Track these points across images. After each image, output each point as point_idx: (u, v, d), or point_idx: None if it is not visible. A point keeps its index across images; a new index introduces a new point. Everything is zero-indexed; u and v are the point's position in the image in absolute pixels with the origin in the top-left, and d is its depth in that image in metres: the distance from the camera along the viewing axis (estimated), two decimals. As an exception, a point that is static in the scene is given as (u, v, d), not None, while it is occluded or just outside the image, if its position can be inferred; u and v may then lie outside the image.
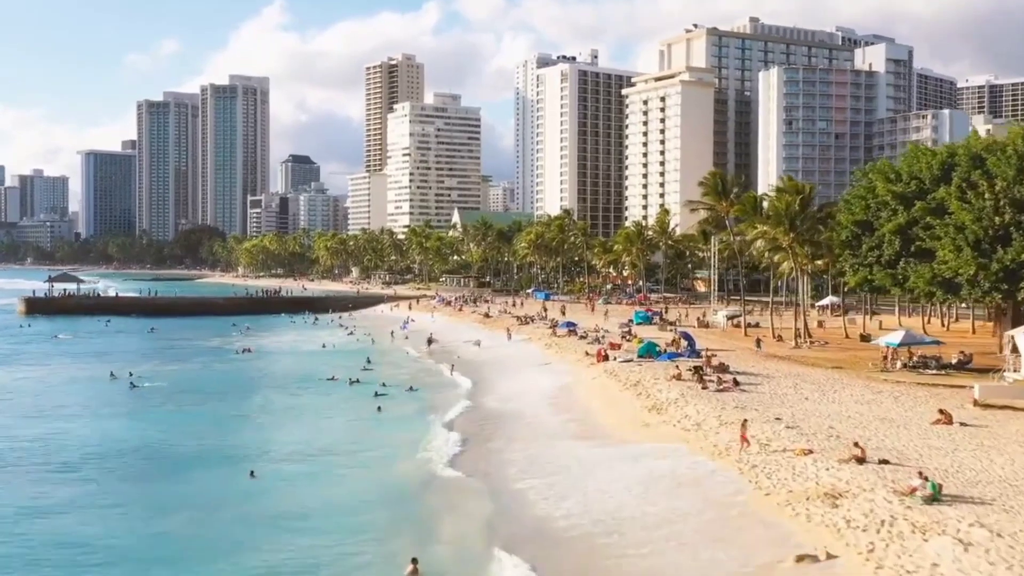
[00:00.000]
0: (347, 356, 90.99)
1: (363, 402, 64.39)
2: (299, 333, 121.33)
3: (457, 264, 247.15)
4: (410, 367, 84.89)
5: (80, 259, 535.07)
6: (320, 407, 64.24)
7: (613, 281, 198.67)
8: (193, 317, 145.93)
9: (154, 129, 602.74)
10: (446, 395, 67.44)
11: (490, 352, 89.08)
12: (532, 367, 76.91)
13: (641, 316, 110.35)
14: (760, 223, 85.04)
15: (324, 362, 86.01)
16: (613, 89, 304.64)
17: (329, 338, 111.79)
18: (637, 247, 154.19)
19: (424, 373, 79.97)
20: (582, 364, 73.93)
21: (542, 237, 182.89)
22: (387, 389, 69.19)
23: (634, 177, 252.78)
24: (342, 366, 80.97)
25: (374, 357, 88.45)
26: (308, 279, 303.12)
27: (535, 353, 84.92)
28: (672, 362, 65.68)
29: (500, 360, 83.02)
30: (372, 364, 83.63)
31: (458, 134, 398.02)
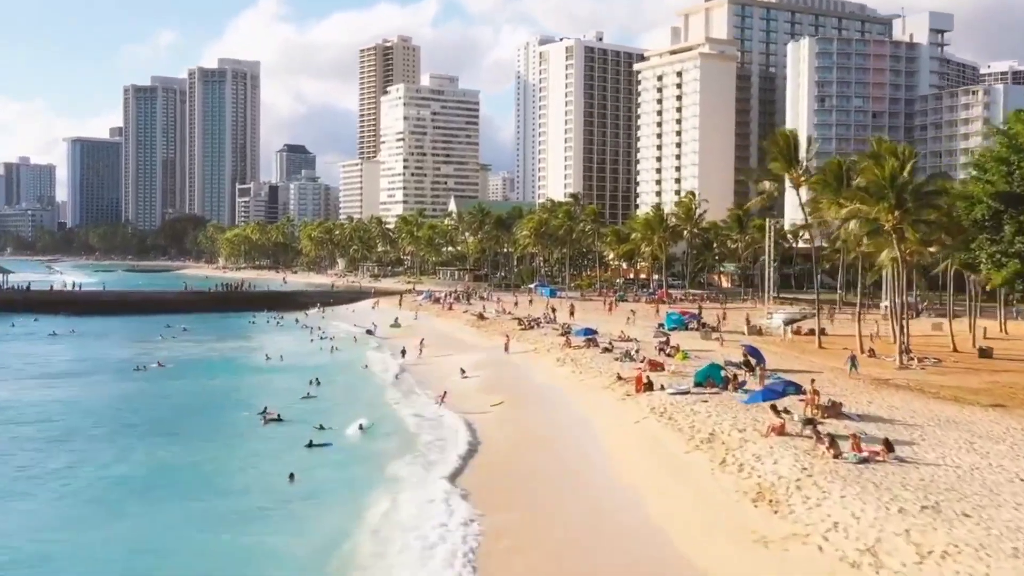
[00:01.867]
0: (291, 374, 68.74)
1: (272, 462, 41.96)
2: (249, 338, 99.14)
3: (452, 256, 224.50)
4: (369, 394, 62.08)
5: (62, 249, 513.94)
6: (186, 481, 39.78)
7: (625, 275, 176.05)
8: (135, 315, 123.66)
9: (141, 115, 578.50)
10: (409, 448, 44.93)
11: (482, 374, 66.25)
12: (540, 400, 54.38)
13: (674, 319, 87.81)
14: (850, 198, 62.24)
15: (256, 384, 64.01)
16: (622, 67, 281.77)
17: (283, 345, 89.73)
18: (659, 235, 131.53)
19: (387, 407, 57.21)
20: (613, 395, 51.44)
21: (546, 225, 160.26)
22: (325, 433, 46.67)
23: (646, 161, 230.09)
24: (277, 390, 58.66)
25: (327, 375, 66.12)
26: (291, 271, 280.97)
27: (545, 374, 62.35)
28: (762, 404, 42.68)
29: (494, 385, 60.32)
30: (319, 387, 61.28)
31: (455, 118, 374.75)
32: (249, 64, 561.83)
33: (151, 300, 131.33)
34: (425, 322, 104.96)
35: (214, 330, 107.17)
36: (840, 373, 58.06)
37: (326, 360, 78.17)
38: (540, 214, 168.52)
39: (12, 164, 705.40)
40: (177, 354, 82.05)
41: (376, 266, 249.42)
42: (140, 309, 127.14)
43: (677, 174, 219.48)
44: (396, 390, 61.98)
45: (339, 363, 76.64)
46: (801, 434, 37.64)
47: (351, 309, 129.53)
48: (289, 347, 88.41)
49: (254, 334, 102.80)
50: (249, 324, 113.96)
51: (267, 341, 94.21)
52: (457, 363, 70.09)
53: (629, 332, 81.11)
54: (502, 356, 73.13)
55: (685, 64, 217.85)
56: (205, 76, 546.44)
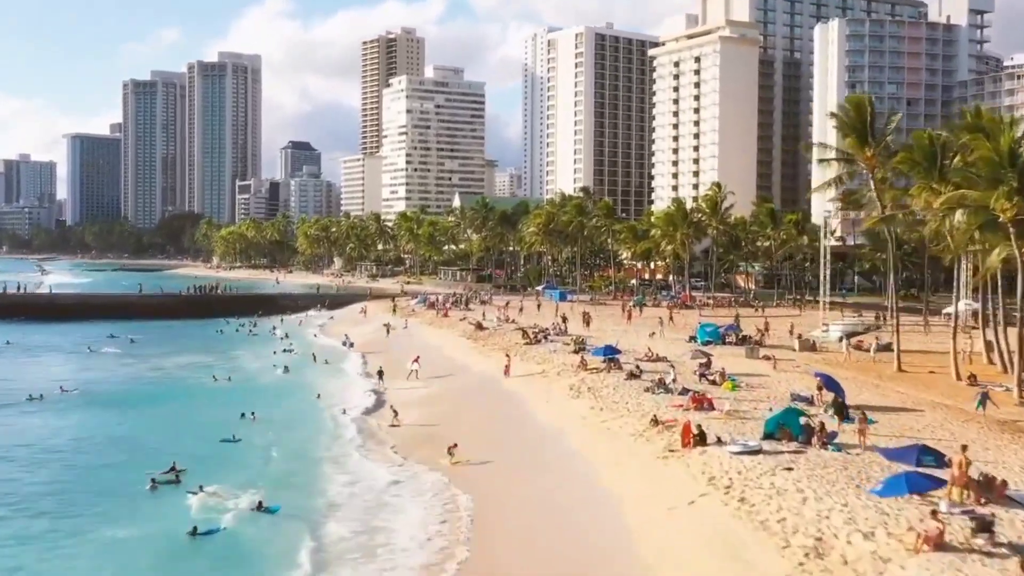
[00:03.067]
0: (231, 402, 54.62)
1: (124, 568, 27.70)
2: (206, 351, 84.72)
3: (454, 254, 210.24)
4: (307, 438, 47.34)
5: (59, 247, 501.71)
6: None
7: (640, 275, 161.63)
8: (92, 321, 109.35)
9: (140, 111, 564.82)
10: (324, 550, 30.44)
11: (470, 412, 51.83)
12: (544, 459, 39.81)
13: (708, 332, 73.34)
14: (945, 183, 47.70)
15: (180, 417, 50.25)
16: (635, 55, 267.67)
17: (241, 361, 76.02)
18: (682, 232, 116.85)
19: (323, 462, 42.45)
20: (649, 449, 37.11)
21: (554, 220, 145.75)
22: (215, 516, 32.38)
23: (662, 153, 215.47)
24: (203, 426, 44.88)
25: (270, 406, 52.33)
26: (287, 271, 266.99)
27: (553, 412, 47.89)
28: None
29: (484, 429, 45.97)
30: (252, 425, 47.12)
31: (460, 111, 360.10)
32: (250, 58, 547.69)
33: (114, 305, 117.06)
34: (414, 333, 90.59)
35: (170, 340, 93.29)
36: (948, 411, 43.68)
37: (277, 384, 64.13)
38: (548, 209, 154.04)
39: (12, 161, 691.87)
40: (101, 375, 68.05)
41: (374, 265, 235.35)
42: (100, 314, 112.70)
43: (695, 167, 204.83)
44: (345, 434, 47.37)
45: (291, 389, 62.34)
46: (971, 547, 23.29)
47: (330, 316, 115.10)
48: (246, 364, 74.53)
49: (215, 346, 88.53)
50: (216, 333, 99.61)
51: (224, 356, 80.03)
52: (437, 394, 55.75)
53: (656, 348, 66.74)
54: (500, 382, 58.73)
55: (704, 49, 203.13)
56: (205, 70, 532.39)
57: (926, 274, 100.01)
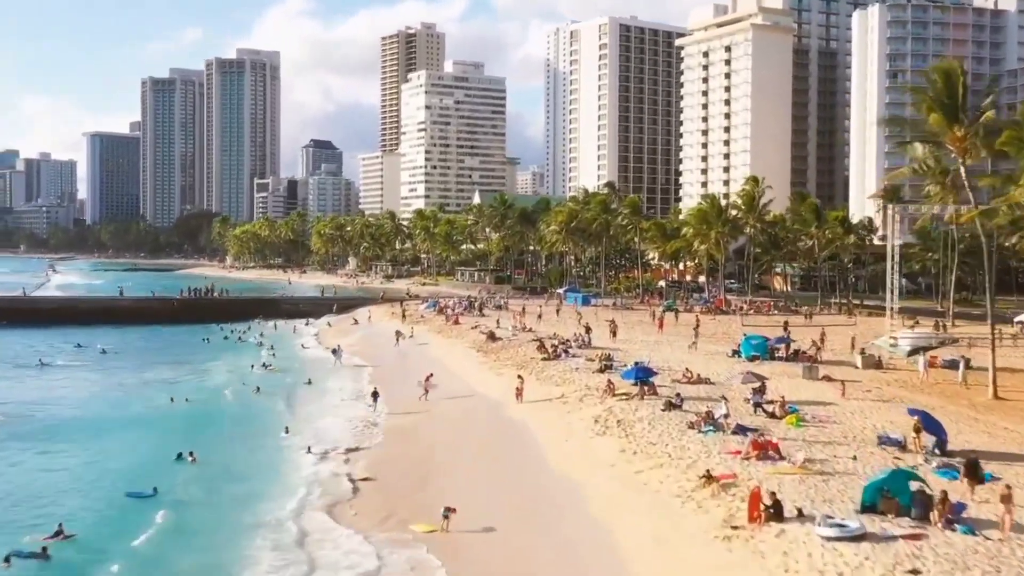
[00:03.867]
0: (175, 433, 44.97)
1: None
2: (180, 364, 75.19)
3: (472, 254, 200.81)
4: (260, 502, 35.58)
5: (76, 246, 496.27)
6: None
7: (667, 276, 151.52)
8: (71, 327, 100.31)
9: (159, 109, 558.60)
10: None
11: (471, 452, 42.15)
12: (560, 534, 29.90)
13: (754, 345, 63.31)
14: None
15: (103, 456, 40.55)
16: (660, 46, 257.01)
17: (213, 377, 66.98)
18: (717, 230, 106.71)
19: (269, 534, 31.38)
20: (703, 522, 27.33)
21: (577, 218, 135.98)
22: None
23: (690, 148, 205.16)
24: (117, 473, 35.44)
25: (218, 441, 43.30)
26: (301, 271, 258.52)
27: (574, 455, 38.11)
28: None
29: (484, 481, 36.36)
30: (188, 468, 38.29)
31: (481, 107, 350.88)
32: (268, 55, 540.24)
33: (100, 309, 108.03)
34: (418, 342, 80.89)
35: (145, 350, 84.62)
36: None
37: (243, 408, 54.76)
38: (570, 206, 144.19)
39: (33, 160, 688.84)
40: (39, 395, 58.79)
41: (390, 266, 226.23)
42: (85, 319, 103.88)
43: (725, 162, 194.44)
44: (301, 488, 36.69)
45: (256, 415, 52.74)
46: None
47: (328, 323, 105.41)
48: (216, 381, 65.33)
49: (193, 357, 79.07)
50: (202, 342, 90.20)
51: (197, 370, 70.80)
52: (431, 425, 46.19)
53: (695, 365, 56.99)
54: (509, 408, 49.05)
55: (735, 38, 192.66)
56: (223, 67, 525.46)
57: (990, 277, 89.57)
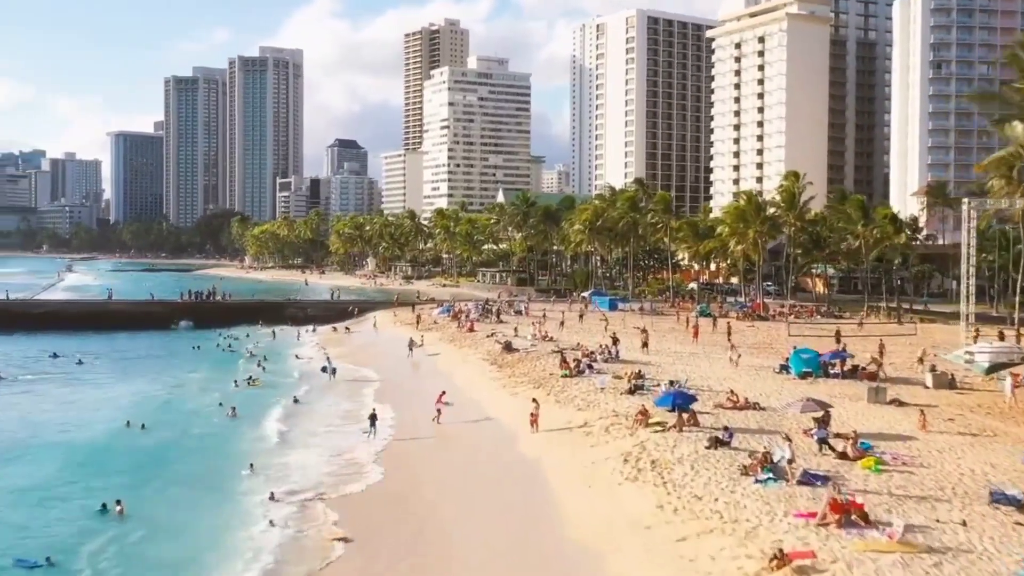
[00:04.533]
0: (103, 481, 37.34)
1: None
2: (157, 377, 67.64)
3: (494, 255, 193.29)
4: None
5: (99, 246, 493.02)
6: None
7: (696, 278, 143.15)
8: (66, 332, 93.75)
9: (182, 107, 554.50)
10: None
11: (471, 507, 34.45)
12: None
13: (805, 359, 55.20)
14: None
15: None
16: (690, 39, 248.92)
17: (189, 393, 59.58)
18: (756, 229, 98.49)
19: None
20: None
21: (603, 216, 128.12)
22: None
23: (721, 143, 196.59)
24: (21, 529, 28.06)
25: (156, 493, 35.52)
26: (320, 271, 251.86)
27: (599, 511, 30.24)
28: None
29: (481, 547, 28.65)
30: (115, 524, 30.84)
31: (505, 104, 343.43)
32: (292, 53, 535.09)
33: (90, 315, 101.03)
34: (427, 352, 73.21)
35: (127, 360, 77.32)
36: None
37: (206, 438, 46.95)
38: (596, 204, 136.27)
39: (58, 160, 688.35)
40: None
41: (409, 266, 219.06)
42: (74, 325, 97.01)
43: (759, 158, 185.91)
44: (244, 563, 28.60)
45: (219, 447, 44.85)
46: None
47: (333, 327, 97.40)
48: (187, 401, 57.50)
49: (175, 370, 71.13)
50: (193, 350, 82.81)
51: (171, 385, 63.34)
52: (423, 463, 38.56)
53: (739, 384, 49.15)
54: (520, 440, 41.36)
55: (769, 28, 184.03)
56: (246, 65, 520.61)
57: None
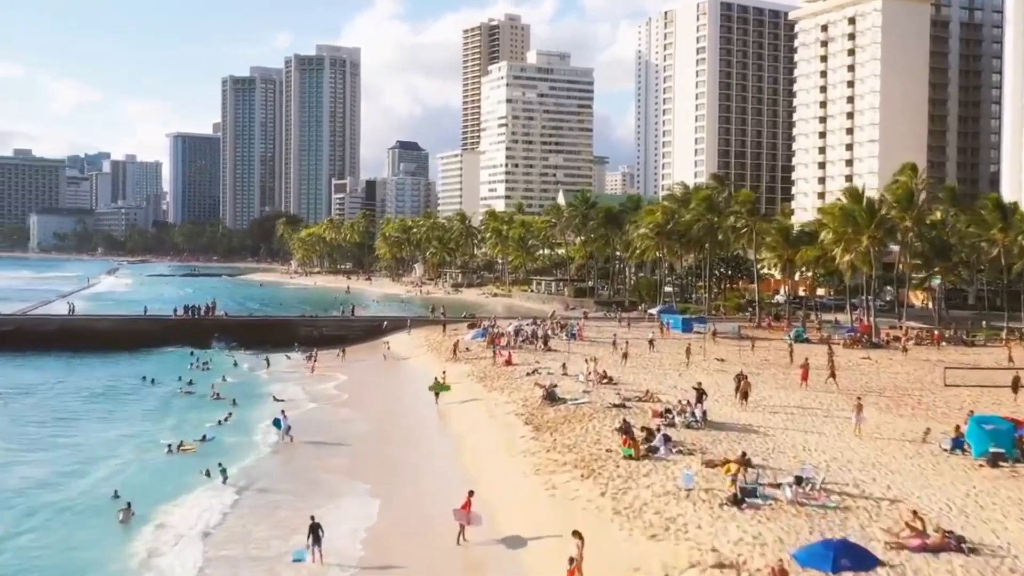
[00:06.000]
0: None
1: None
2: (73, 430, 50.32)
3: (550, 261, 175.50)
4: None
5: (154, 249, 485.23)
6: None
7: (775, 289, 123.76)
8: (34, 354, 78.52)
9: (239, 108, 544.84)
10: None
11: None
12: None
13: (990, 431, 36.44)
14: None
15: None
16: (766, 27, 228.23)
17: (85, 462, 42.28)
18: (870, 234, 79.11)
19: None
20: None
21: (674, 219, 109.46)
22: None
23: (805, 138, 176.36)
24: None
25: None
26: (366, 277, 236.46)
27: None
28: None
29: None
30: None
31: (566, 101, 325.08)
32: (349, 51, 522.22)
33: (68, 333, 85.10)
34: (449, 399, 55.18)
35: (58, 398, 60.47)
36: None
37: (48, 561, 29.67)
38: (665, 205, 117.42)
39: (119, 162, 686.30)
40: None
41: (460, 273, 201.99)
42: (37, 345, 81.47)
43: (848, 154, 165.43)
44: None
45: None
46: None
47: (339, 353, 79.75)
48: (84, 474, 39.94)
49: (99, 416, 53.90)
50: (144, 385, 65.54)
51: (77, 449, 45.87)
52: None
53: (897, 478, 30.79)
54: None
55: (861, 8, 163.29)
56: (302, 64, 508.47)
57: None
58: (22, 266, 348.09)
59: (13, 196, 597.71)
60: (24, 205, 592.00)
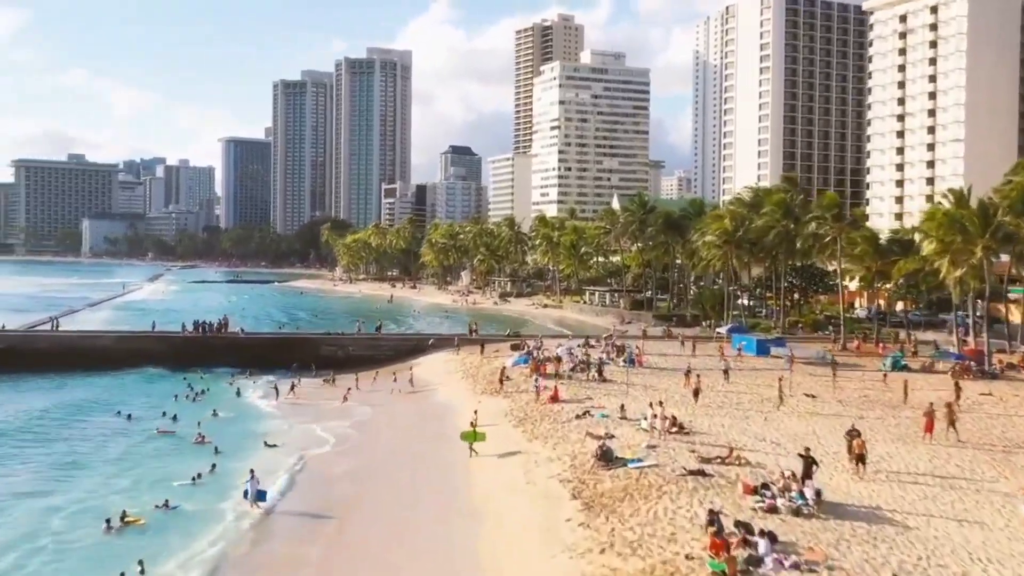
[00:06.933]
0: None
1: None
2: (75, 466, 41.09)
3: (604, 270, 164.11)
4: None
5: (204, 254, 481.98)
6: None
7: (848, 302, 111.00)
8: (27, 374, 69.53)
9: (290, 112, 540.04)
10: None
11: None
12: None
13: None
14: None
15: None
16: (835, 21, 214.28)
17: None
18: (984, 243, 66.83)
19: None
20: None
21: (744, 225, 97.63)
22: None
23: (880, 137, 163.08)
24: None
25: None
26: (411, 285, 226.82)
27: None
28: None
29: None
30: None
31: (621, 102, 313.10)
32: (400, 54, 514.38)
33: (73, 351, 75.61)
34: (480, 447, 44.22)
35: (36, 429, 51.01)
36: None
37: None
38: (734, 210, 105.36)
39: (172, 167, 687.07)
40: None
41: (509, 281, 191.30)
42: (43, 364, 72.36)
43: (930, 154, 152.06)
44: None
45: None
46: None
47: (355, 379, 68.73)
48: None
49: (56, 466, 44.43)
50: (120, 422, 55.43)
51: (64, 498, 36.31)
52: None
53: None
54: None
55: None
56: (353, 67, 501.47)
57: None
58: (72, 271, 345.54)
59: (67, 201, 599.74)
60: (77, 210, 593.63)
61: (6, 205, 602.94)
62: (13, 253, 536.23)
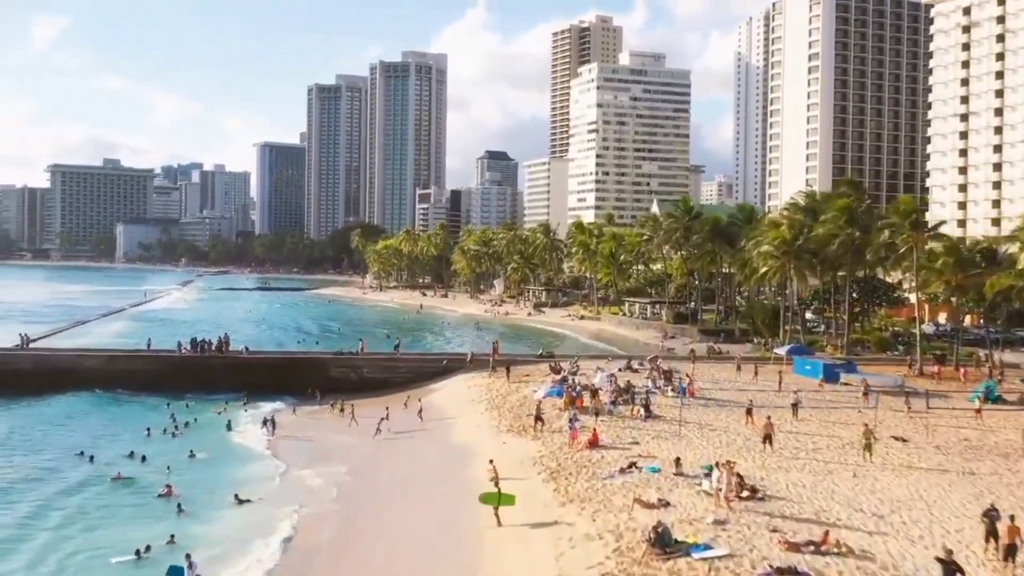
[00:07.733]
0: None
1: None
2: None
3: (645, 280, 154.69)
4: None
5: (236, 259, 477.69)
6: None
7: (910, 317, 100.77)
8: None
9: (325, 116, 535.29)
10: None
11: None
12: None
13: None
14: None
15: None
16: (888, 17, 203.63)
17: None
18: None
19: None
20: None
21: (804, 233, 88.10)
22: None
23: (941, 139, 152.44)
24: None
25: None
26: (442, 294, 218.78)
27: None
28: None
29: None
30: None
31: (661, 105, 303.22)
32: (435, 58, 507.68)
33: (57, 372, 68.19)
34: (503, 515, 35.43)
35: None
36: None
37: None
38: (792, 216, 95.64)
39: (208, 172, 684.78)
40: None
41: (544, 291, 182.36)
42: (22, 387, 64.93)
43: (996, 156, 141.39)
44: None
45: None
46: None
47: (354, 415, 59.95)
48: None
49: (33, 520, 36.51)
50: (80, 462, 46.80)
51: None
52: None
53: None
54: None
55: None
56: (387, 71, 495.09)
57: None
58: (103, 277, 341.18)
59: (102, 206, 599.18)
60: (112, 215, 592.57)
61: (42, 210, 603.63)
62: (48, 258, 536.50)
